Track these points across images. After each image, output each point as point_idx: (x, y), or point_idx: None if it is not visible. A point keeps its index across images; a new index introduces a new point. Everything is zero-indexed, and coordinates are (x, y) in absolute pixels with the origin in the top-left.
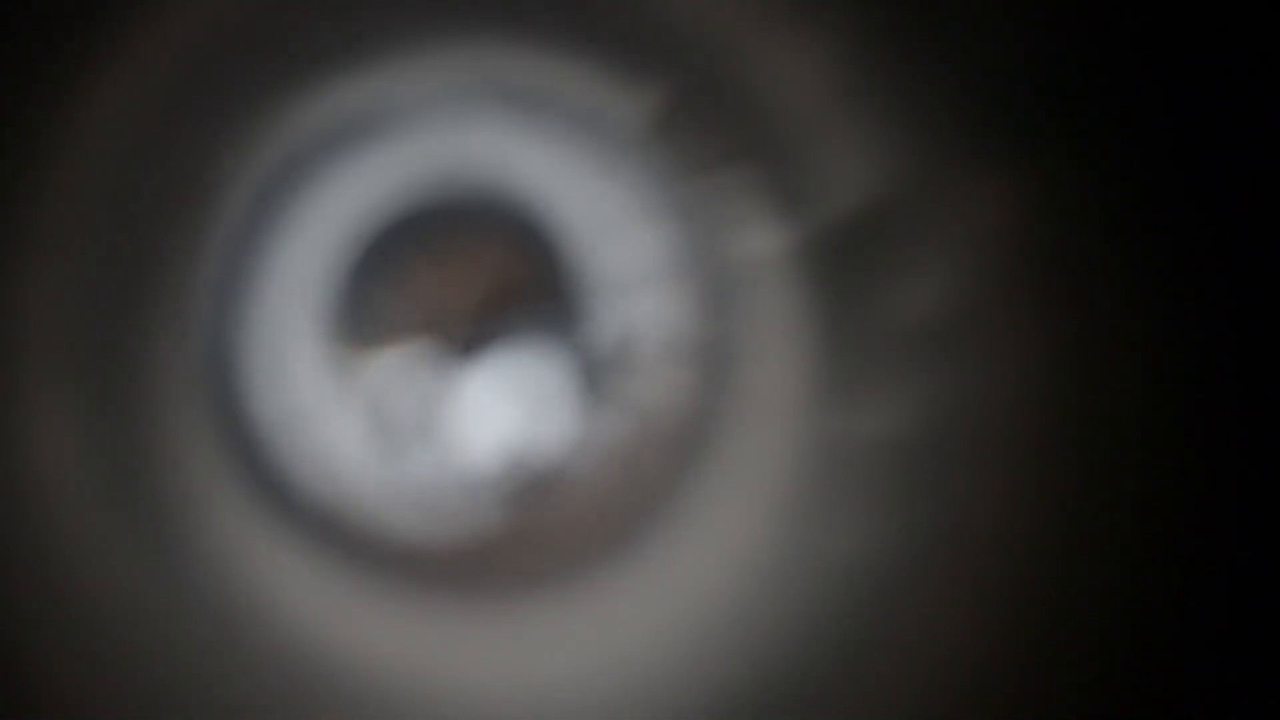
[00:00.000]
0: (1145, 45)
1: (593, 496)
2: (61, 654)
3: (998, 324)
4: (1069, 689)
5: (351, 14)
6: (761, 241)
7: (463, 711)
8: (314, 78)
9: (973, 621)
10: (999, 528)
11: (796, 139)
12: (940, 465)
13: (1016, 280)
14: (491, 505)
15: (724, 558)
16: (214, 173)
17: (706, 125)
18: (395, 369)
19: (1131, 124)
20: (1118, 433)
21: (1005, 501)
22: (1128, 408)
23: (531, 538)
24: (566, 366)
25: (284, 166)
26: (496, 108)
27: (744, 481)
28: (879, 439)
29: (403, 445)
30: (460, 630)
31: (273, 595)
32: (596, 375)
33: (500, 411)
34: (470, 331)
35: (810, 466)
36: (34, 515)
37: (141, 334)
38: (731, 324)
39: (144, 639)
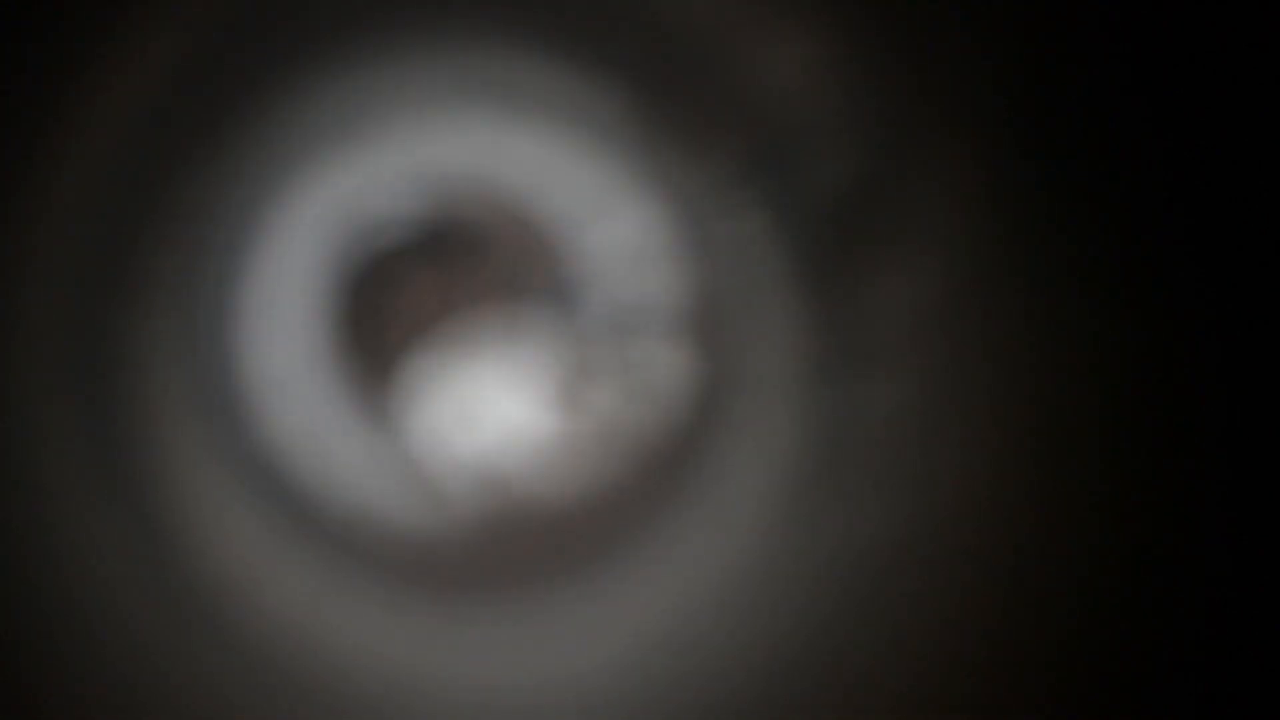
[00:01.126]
0: (1121, 50)
1: (591, 491)
2: (55, 650)
3: (984, 311)
4: (1065, 661)
5: (346, 16)
6: (753, 234)
7: (461, 709)
8: (308, 79)
9: (964, 600)
10: (988, 509)
11: (784, 130)
12: (930, 448)
13: (999, 269)
14: (488, 501)
15: (722, 550)
16: (210, 172)
17: (697, 118)
18: (392, 366)
19: (1111, 126)
20: (1100, 415)
21: (994, 484)
22: (1112, 392)
23: (528, 533)
24: (564, 361)
25: (279, 166)
26: (489, 105)
27: (742, 475)
28: (871, 424)
29: (399, 442)
30: (459, 627)
31: (269, 593)
32: (594, 368)
33: (497, 409)
34: (466, 329)
35: (805, 454)
36: (30, 514)
37: (138, 334)
38: (725, 315)
39: (138, 636)
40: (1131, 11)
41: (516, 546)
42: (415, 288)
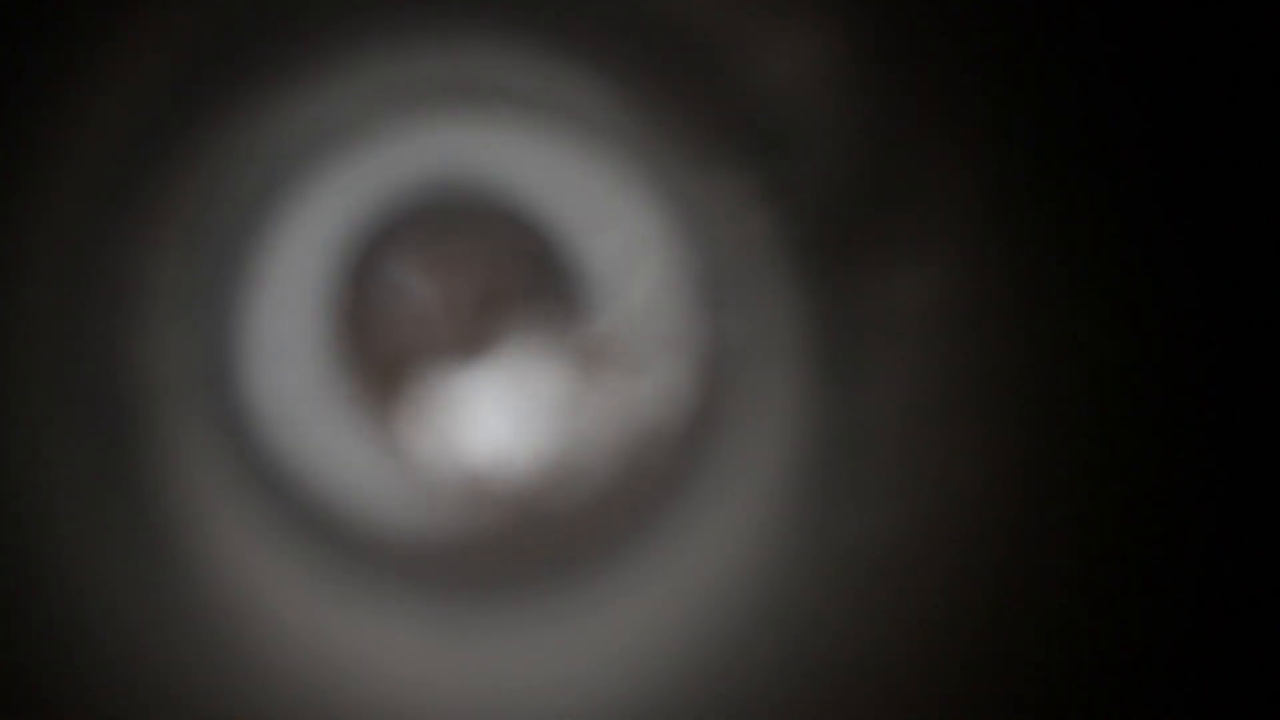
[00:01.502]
0: (1119, 53)
1: (591, 494)
2: (55, 650)
3: (981, 312)
4: (1059, 661)
5: (346, 16)
6: (752, 234)
7: (461, 709)
8: (309, 79)
9: (961, 598)
10: (985, 508)
11: (784, 131)
12: (927, 447)
13: (996, 270)
14: (489, 503)
15: (721, 551)
16: (211, 173)
17: (697, 118)
18: (393, 368)
19: (1109, 129)
20: (1095, 416)
21: (991, 483)
22: (1107, 394)
23: (529, 535)
24: (564, 364)
25: (280, 169)
26: (490, 107)
27: (740, 474)
28: (870, 424)
29: (401, 443)
30: (459, 627)
31: (268, 593)
32: (593, 372)
33: (498, 411)
34: (467, 331)
35: (804, 454)
36: (30, 515)
37: (139, 335)
38: (725, 316)
39: (138, 636)
40: (1130, 14)
41: (517, 548)
42: (416, 290)
